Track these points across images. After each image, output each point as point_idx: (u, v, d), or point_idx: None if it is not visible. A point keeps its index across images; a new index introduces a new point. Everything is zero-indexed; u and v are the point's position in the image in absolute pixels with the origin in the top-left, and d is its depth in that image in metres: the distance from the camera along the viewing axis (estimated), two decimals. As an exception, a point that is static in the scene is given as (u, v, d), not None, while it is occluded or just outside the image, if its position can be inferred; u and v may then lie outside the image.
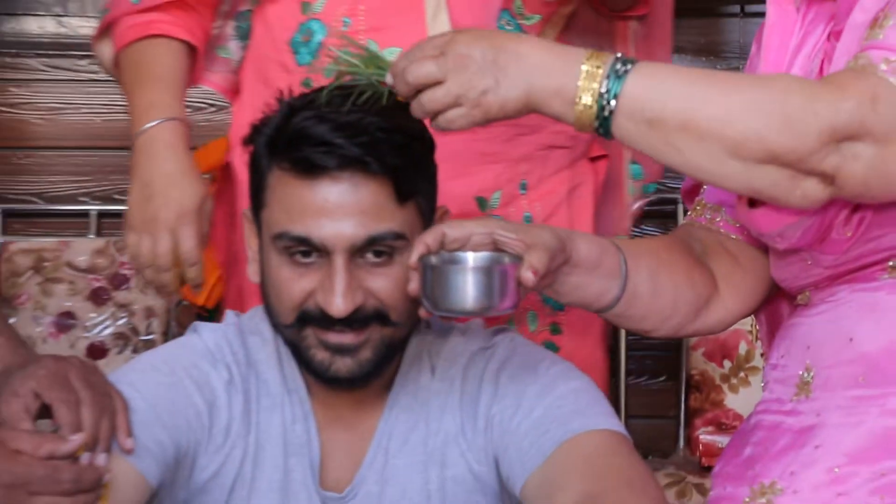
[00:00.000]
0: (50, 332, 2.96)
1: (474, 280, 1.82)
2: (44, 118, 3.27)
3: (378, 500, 2.17)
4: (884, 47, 1.87)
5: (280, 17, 2.53)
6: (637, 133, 1.90)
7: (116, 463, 2.03)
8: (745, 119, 1.86)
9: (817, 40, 2.08)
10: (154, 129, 2.44)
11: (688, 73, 1.93)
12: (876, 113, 1.82)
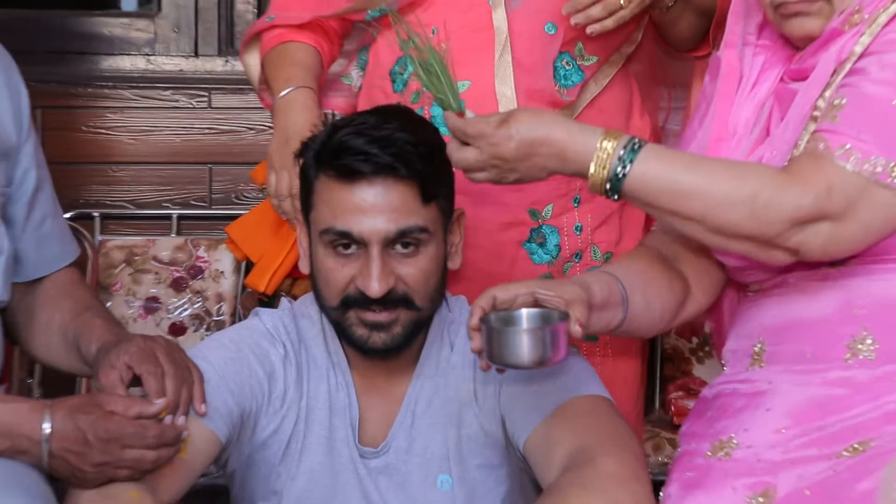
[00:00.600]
0: (139, 313, 2.96)
1: (529, 339, 1.79)
2: (134, 138, 3.26)
3: (406, 454, 2.17)
4: (839, 132, 1.86)
5: (384, 52, 2.52)
6: (638, 206, 1.97)
7: (193, 423, 2.04)
8: (723, 212, 1.87)
9: (770, 86, 2.05)
10: (290, 93, 2.44)
11: (677, 166, 1.90)
12: (831, 200, 1.83)
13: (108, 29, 3.44)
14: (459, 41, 2.36)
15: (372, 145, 2.05)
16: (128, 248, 3.02)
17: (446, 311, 2.23)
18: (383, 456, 2.18)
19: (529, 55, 2.41)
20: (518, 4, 2.41)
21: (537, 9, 2.40)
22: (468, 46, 2.39)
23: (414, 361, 2.20)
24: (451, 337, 2.22)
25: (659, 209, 1.91)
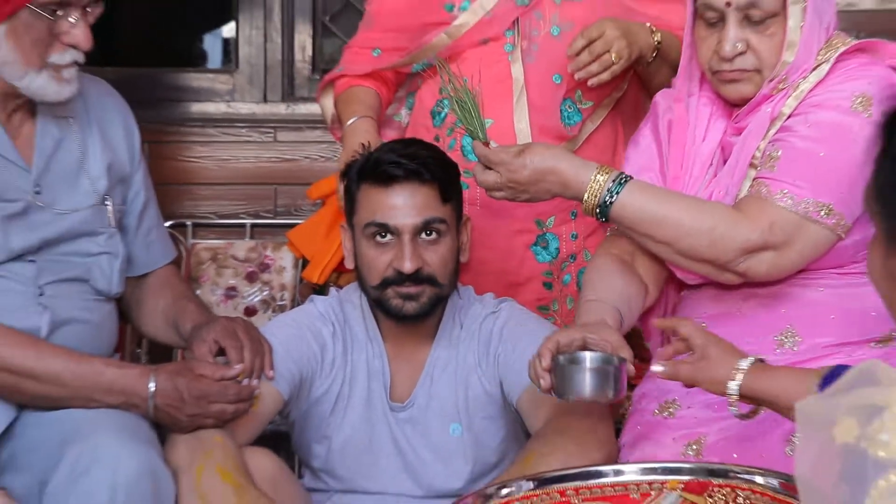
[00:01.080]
0: (221, 299, 2.96)
1: (591, 376, 1.75)
2: (218, 165, 3.26)
3: (426, 408, 2.17)
4: (777, 179, 1.86)
5: (427, 97, 2.50)
6: (621, 228, 1.97)
7: (263, 385, 2.06)
8: (687, 240, 1.88)
9: (719, 139, 2.02)
10: (355, 122, 2.41)
11: (653, 200, 1.90)
12: (773, 234, 1.84)
13: (198, 82, 3.45)
14: (485, 88, 2.32)
15: (402, 158, 2.09)
16: (212, 250, 3.01)
17: (457, 298, 2.21)
18: (409, 409, 2.17)
19: (541, 99, 2.39)
20: (532, 60, 2.39)
21: (546, 64, 2.38)
22: (492, 92, 2.35)
23: (432, 336, 2.19)
24: (461, 318, 2.21)
25: (636, 232, 1.92)
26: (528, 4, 2.38)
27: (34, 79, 2.03)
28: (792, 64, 1.91)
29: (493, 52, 2.41)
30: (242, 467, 1.95)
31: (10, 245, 2.05)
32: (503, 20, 2.39)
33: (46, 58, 2.02)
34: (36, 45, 2.01)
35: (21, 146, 2.10)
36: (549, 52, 2.38)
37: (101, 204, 2.18)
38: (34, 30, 2.00)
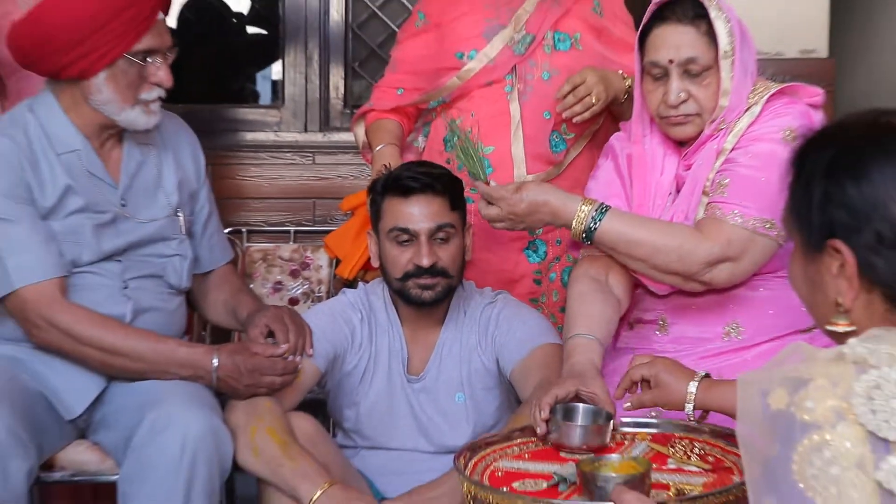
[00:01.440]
0: (270, 292, 2.95)
1: (583, 430, 1.69)
2: (268, 183, 3.27)
3: (436, 380, 2.16)
4: (729, 202, 1.86)
5: (440, 127, 2.47)
6: (604, 250, 1.93)
7: (304, 361, 2.06)
8: (660, 257, 1.87)
9: (673, 172, 2.01)
10: (383, 148, 2.38)
11: (629, 225, 1.89)
12: (731, 248, 1.84)
13: (252, 116, 3.46)
14: (487, 121, 2.36)
15: (418, 174, 2.10)
16: (263, 251, 3.02)
17: (462, 290, 2.21)
18: (422, 381, 2.17)
19: (533, 131, 2.38)
20: (526, 99, 2.38)
21: (538, 103, 2.37)
22: (493, 125, 2.37)
23: (441, 322, 2.19)
24: (464, 306, 2.20)
25: (617, 252, 1.92)
26: (524, 54, 2.38)
27: (129, 113, 2.05)
28: (728, 107, 1.90)
29: (495, 92, 2.40)
30: (287, 428, 1.96)
31: (102, 248, 2.06)
32: (503, 67, 2.38)
33: (138, 95, 2.05)
34: (130, 86, 2.03)
35: (110, 168, 2.12)
36: (541, 93, 2.38)
37: (174, 215, 2.19)
38: (128, 74, 2.03)
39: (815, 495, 0.97)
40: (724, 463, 1.63)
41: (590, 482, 1.48)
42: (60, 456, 2.05)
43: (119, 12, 1.97)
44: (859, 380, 0.98)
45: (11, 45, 2.05)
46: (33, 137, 2.03)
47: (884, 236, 1.06)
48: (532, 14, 2.38)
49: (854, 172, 1.07)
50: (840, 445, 0.96)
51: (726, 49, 1.87)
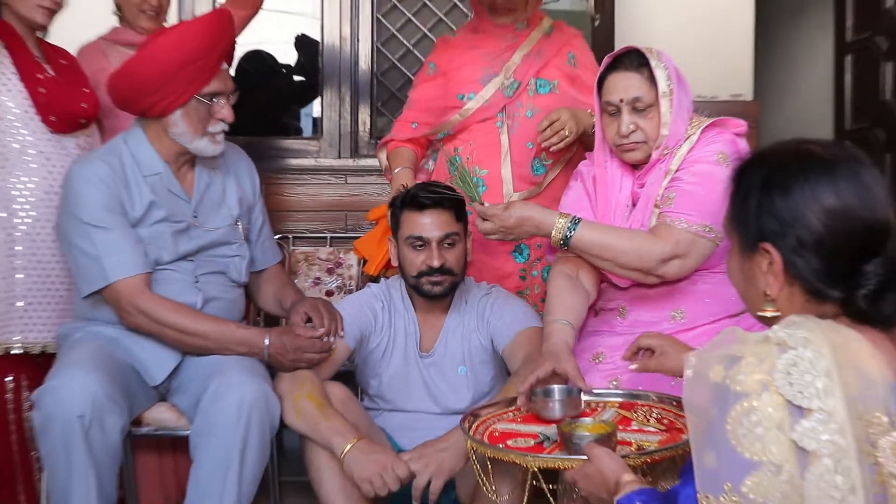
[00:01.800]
0: (311, 286, 2.95)
1: (559, 404, 1.68)
2: (309, 199, 3.27)
3: (443, 356, 2.16)
4: (676, 212, 1.86)
5: (446, 153, 2.47)
6: (578, 254, 1.92)
7: (337, 341, 2.06)
8: (623, 257, 1.86)
9: (630, 190, 2.01)
10: (400, 171, 2.40)
11: (598, 233, 1.89)
12: (679, 247, 1.83)
13: (297, 146, 3.45)
14: (482, 149, 2.38)
15: (430, 193, 2.09)
16: (305, 253, 3.02)
17: (464, 284, 2.20)
18: (432, 357, 2.17)
19: (519, 157, 2.39)
20: (514, 132, 2.39)
21: (523, 135, 2.38)
22: (487, 152, 2.39)
23: (446, 309, 2.18)
24: (465, 297, 2.20)
25: (588, 255, 1.91)
26: (512, 97, 2.39)
27: (199, 142, 2.06)
28: (668, 136, 1.91)
29: (488, 126, 2.40)
30: (324, 394, 1.96)
31: (178, 250, 2.07)
32: (496, 106, 2.39)
33: (206, 128, 2.05)
34: (200, 121, 2.04)
35: (185, 186, 2.12)
36: (525, 127, 2.38)
37: (235, 224, 2.20)
38: (199, 112, 2.04)
39: (744, 450, 0.97)
40: (677, 424, 1.63)
41: (568, 440, 1.48)
42: (146, 415, 2.06)
43: (191, 63, 1.98)
44: (780, 358, 0.98)
45: (110, 92, 2.07)
46: (126, 163, 2.04)
47: (804, 241, 1.06)
48: (518, 65, 2.39)
49: (781, 189, 1.08)
50: (764, 410, 0.97)
51: (664, 90, 1.89)
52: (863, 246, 1.05)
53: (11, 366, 2.16)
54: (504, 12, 2.41)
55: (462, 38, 2.51)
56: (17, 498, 2.18)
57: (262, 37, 3.77)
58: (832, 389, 0.96)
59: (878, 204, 1.06)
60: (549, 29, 2.46)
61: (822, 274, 1.06)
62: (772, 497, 0.96)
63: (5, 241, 2.15)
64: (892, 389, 0.99)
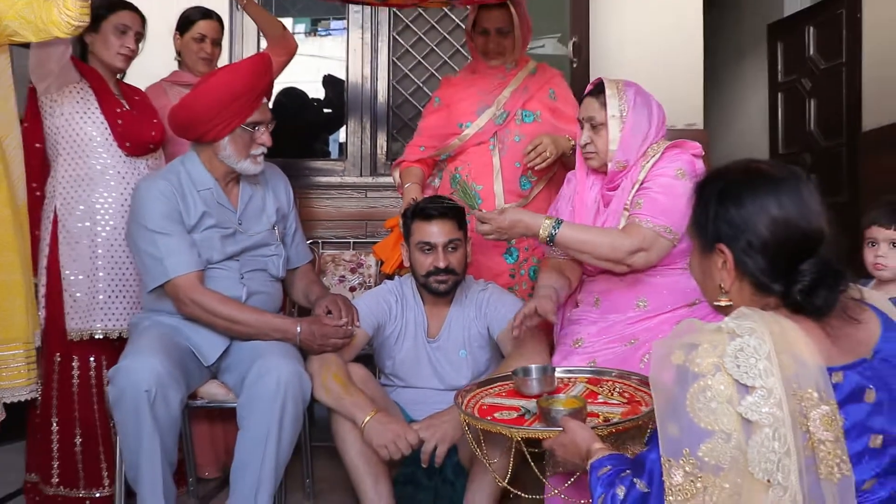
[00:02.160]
0: (337, 282, 2.92)
1: (536, 382, 1.67)
2: (335, 210, 3.26)
3: (447, 341, 2.14)
4: (643, 214, 1.85)
5: (449, 171, 2.47)
6: (562, 249, 1.90)
7: (356, 329, 2.04)
8: (599, 249, 1.85)
9: (597, 194, 2.01)
10: (409, 186, 2.40)
11: (578, 231, 1.88)
12: (644, 242, 1.83)
13: (325, 166, 3.44)
14: (477, 169, 2.37)
15: (436, 205, 2.08)
16: (332, 255, 3.00)
17: (464, 281, 2.18)
18: (437, 342, 2.15)
19: (509, 175, 2.38)
20: (504, 154, 2.39)
21: (512, 157, 2.38)
22: (482, 171, 2.38)
23: (450, 303, 2.16)
24: (466, 292, 2.17)
25: (570, 249, 1.90)
26: (502, 124, 2.39)
27: (243, 163, 2.05)
28: (617, 151, 1.91)
29: (483, 149, 2.40)
30: (347, 374, 1.96)
31: (226, 251, 2.06)
32: (488, 132, 2.39)
33: (249, 152, 2.04)
34: (245, 145, 2.04)
35: (231, 199, 2.12)
36: (514, 150, 2.38)
37: (272, 229, 2.18)
38: (243, 138, 2.03)
39: (700, 421, 0.97)
40: (636, 397, 1.63)
41: (546, 414, 1.47)
42: (201, 390, 2.05)
43: (237, 98, 1.98)
44: (730, 345, 0.98)
45: (171, 122, 2.08)
46: (182, 180, 2.04)
47: (752, 244, 1.06)
48: (508, 99, 2.40)
49: (735, 200, 1.08)
50: (717, 388, 0.96)
51: (613, 113, 1.90)
52: (800, 249, 1.05)
53: (94, 348, 2.18)
54: (495, 56, 2.43)
55: (462, 77, 2.52)
56: (98, 453, 2.19)
57: (296, 76, 3.76)
58: (771, 370, 0.96)
59: (814, 215, 1.06)
60: (534, 70, 2.47)
61: (766, 271, 1.06)
62: (723, 460, 0.95)
63: (89, 246, 2.17)
64: (821, 371, 0.98)
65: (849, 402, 0.99)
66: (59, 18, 1.89)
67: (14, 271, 1.94)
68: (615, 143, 1.91)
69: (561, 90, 2.48)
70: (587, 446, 1.26)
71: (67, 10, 1.88)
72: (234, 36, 3.34)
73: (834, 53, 4.02)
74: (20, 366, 1.96)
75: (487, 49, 2.41)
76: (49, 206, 2.20)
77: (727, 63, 5.39)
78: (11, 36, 1.93)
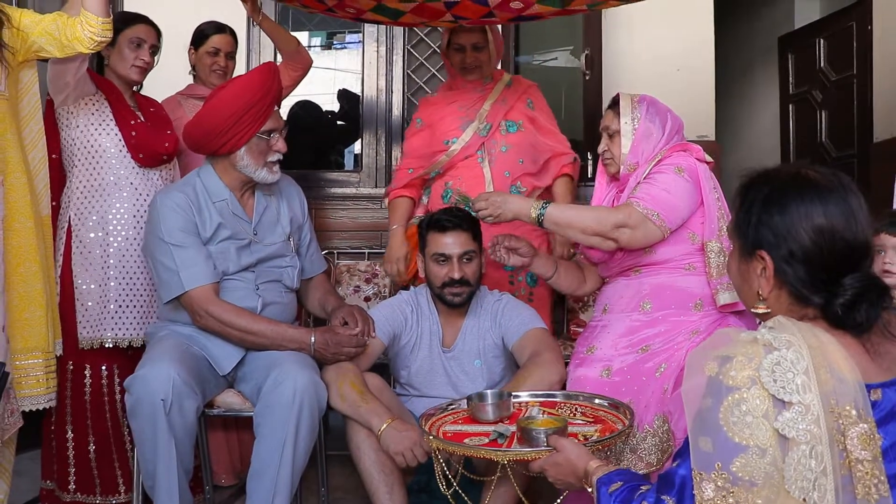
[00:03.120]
0: (352, 292, 2.91)
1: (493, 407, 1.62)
2: (351, 221, 3.25)
3: (462, 351, 2.11)
4: (636, 197, 1.84)
5: (437, 188, 2.47)
6: (549, 228, 1.89)
7: (372, 339, 2.02)
8: (586, 222, 1.84)
9: (613, 194, 2.02)
10: (393, 230, 2.44)
11: (562, 210, 1.89)
12: (630, 219, 1.80)
13: (342, 178, 3.43)
14: (469, 181, 2.39)
15: (450, 217, 2.06)
16: (348, 265, 2.97)
17: (479, 292, 2.15)
18: (452, 352, 2.12)
19: (500, 184, 2.40)
20: (493, 164, 2.42)
21: (500, 167, 2.42)
22: (473, 183, 2.40)
23: (465, 313, 2.13)
24: (481, 302, 2.14)
25: (559, 226, 1.88)
26: (487, 136, 2.44)
27: (260, 171, 2.03)
28: (628, 155, 1.94)
29: (472, 162, 2.43)
30: (364, 382, 1.92)
31: (241, 262, 2.04)
32: (475, 145, 2.43)
33: (265, 159, 2.02)
34: (261, 154, 2.01)
35: (247, 210, 2.09)
36: (501, 160, 2.43)
37: (287, 240, 2.15)
38: (259, 146, 2.01)
39: (734, 435, 0.93)
40: (600, 416, 1.60)
41: (528, 434, 1.40)
42: (218, 399, 2.02)
43: (248, 109, 1.96)
44: (766, 358, 0.94)
45: (186, 141, 2.06)
46: (198, 192, 2.02)
47: (794, 253, 1.01)
48: (489, 111, 2.46)
49: (779, 206, 1.03)
50: (753, 402, 0.92)
51: (626, 121, 1.94)
52: (844, 261, 1.00)
53: (105, 357, 2.16)
54: (473, 70, 2.46)
55: (441, 96, 2.55)
56: (112, 460, 2.17)
57: (312, 89, 3.76)
58: (809, 386, 0.92)
59: (860, 227, 1.01)
60: (510, 82, 2.53)
61: (806, 282, 1.01)
62: (757, 476, 0.91)
63: (101, 256, 2.16)
64: (860, 387, 0.94)
65: (888, 420, 0.94)
66: (82, 34, 1.91)
67: (36, 282, 1.94)
68: (627, 148, 1.94)
69: (537, 100, 2.54)
70: (584, 464, 1.22)
71: (90, 26, 1.90)
72: (252, 50, 3.33)
73: (845, 65, 3.98)
74: (40, 375, 1.95)
75: (465, 64, 2.45)
76: (64, 216, 2.19)
77: (738, 75, 5.35)
78: (38, 52, 1.94)
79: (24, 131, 2.00)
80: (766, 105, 5.02)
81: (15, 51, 1.89)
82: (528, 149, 2.45)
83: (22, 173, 1.93)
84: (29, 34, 1.90)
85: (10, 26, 1.87)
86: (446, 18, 2.16)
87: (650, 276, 1.91)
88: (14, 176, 1.91)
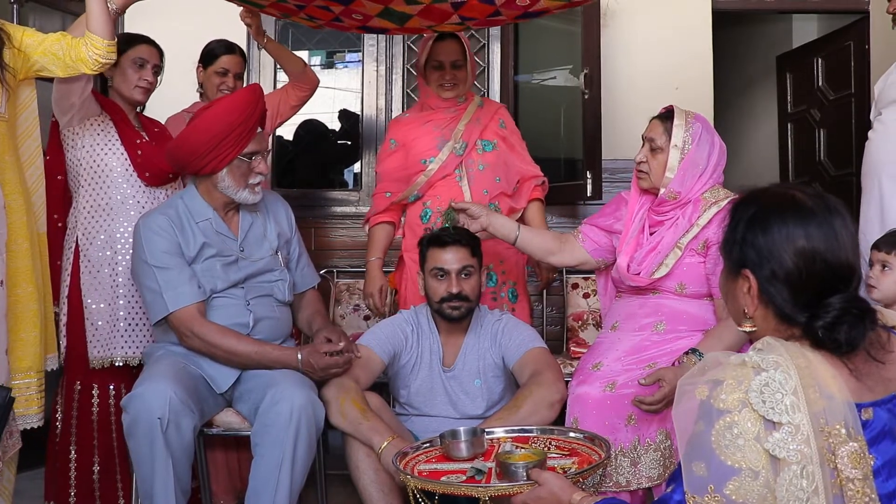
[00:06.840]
0: (352, 311, 2.92)
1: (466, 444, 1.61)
2: (350, 239, 3.26)
3: (462, 370, 2.11)
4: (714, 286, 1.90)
5: (414, 210, 2.48)
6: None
7: (372, 354, 2.04)
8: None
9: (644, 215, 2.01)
10: (372, 261, 2.46)
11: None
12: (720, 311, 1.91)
13: (341, 196, 3.44)
14: (447, 200, 2.32)
15: (449, 233, 2.07)
16: (347, 284, 2.99)
17: (479, 311, 2.16)
18: (453, 371, 2.12)
19: (480, 200, 2.39)
20: (472, 182, 2.44)
21: (479, 185, 2.44)
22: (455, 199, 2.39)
23: (465, 332, 2.14)
24: (480, 321, 2.15)
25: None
26: (463, 154, 2.45)
27: (241, 192, 2.04)
28: (673, 181, 1.90)
29: (450, 181, 2.44)
30: (365, 400, 1.93)
31: (230, 279, 2.04)
32: (452, 164, 2.44)
33: (247, 181, 2.04)
34: (242, 175, 2.03)
35: (232, 227, 2.10)
36: (479, 178, 2.44)
37: (275, 254, 2.15)
38: (241, 168, 2.03)
39: (727, 458, 0.93)
40: (573, 448, 1.60)
41: (507, 469, 1.39)
42: (216, 418, 2.02)
43: (230, 131, 1.97)
44: (755, 380, 0.94)
45: (168, 158, 2.07)
46: (181, 213, 2.03)
47: (776, 274, 1.02)
48: (463, 131, 2.47)
49: (762, 227, 1.04)
50: (744, 424, 0.93)
51: (676, 143, 1.90)
52: (827, 283, 1.01)
53: (114, 376, 2.18)
54: (451, 88, 2.46)
55: (414, 116, 2.55)
56: (115, 480, 2.18)
57: (312, 108, 3.79)
58: (798, 406, 0.92)
59: (843, 250, 1.01)
60: (481, 103, 2.55)
61: (789, 302, 1.02)
62: (750, 498, 0.92)
63: (110, 275, 2.18)
64: (849, 406, 0.94)
65: (880, 440, 0.95)
66: (86, 56, 1.93)
67: (31, 302, 1.96)
68: (672, 172, 1.91)
69: (508, 121, 2.55)
70: (567, 496, 1.22)
71: (95, 48, 1.93)
72: (252, 69, 3.36)
73: (842, 84, 4.01)
74: (33, 394, 1.96)
75: (443, 81, 2.45)
76: (71, 236, 2.21)
77: (737, 94, 5.38)
78: (39, 71, 1.97)
79: (21, 148, 2.02)
80: (764, 124, 5.05)
81: (15, 72, 1.92)
82: (503, 167, 2.48)
83: (19, 194, 1.95)
84: (31, 54, 1.92)
85: (10, 46, 1.90)
86: (453, 20, 2.15)
87: (668, 299, 1.92)
88: (12, 197, 1.93)
